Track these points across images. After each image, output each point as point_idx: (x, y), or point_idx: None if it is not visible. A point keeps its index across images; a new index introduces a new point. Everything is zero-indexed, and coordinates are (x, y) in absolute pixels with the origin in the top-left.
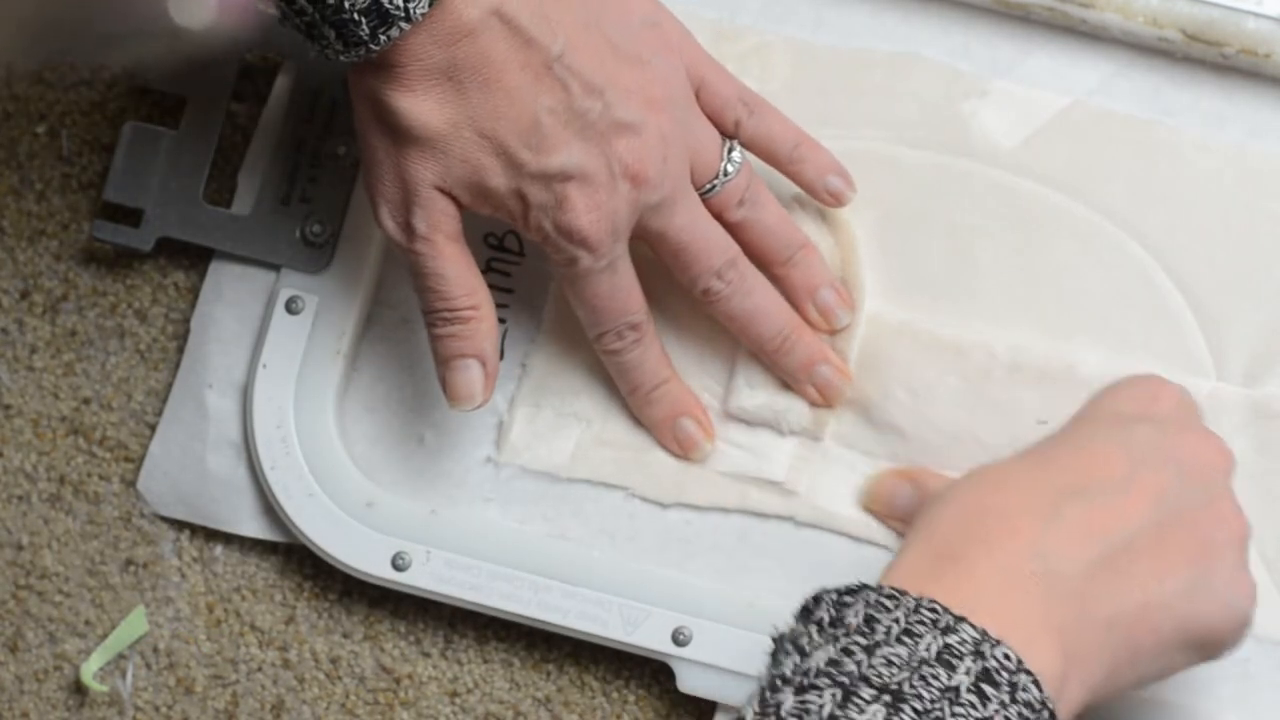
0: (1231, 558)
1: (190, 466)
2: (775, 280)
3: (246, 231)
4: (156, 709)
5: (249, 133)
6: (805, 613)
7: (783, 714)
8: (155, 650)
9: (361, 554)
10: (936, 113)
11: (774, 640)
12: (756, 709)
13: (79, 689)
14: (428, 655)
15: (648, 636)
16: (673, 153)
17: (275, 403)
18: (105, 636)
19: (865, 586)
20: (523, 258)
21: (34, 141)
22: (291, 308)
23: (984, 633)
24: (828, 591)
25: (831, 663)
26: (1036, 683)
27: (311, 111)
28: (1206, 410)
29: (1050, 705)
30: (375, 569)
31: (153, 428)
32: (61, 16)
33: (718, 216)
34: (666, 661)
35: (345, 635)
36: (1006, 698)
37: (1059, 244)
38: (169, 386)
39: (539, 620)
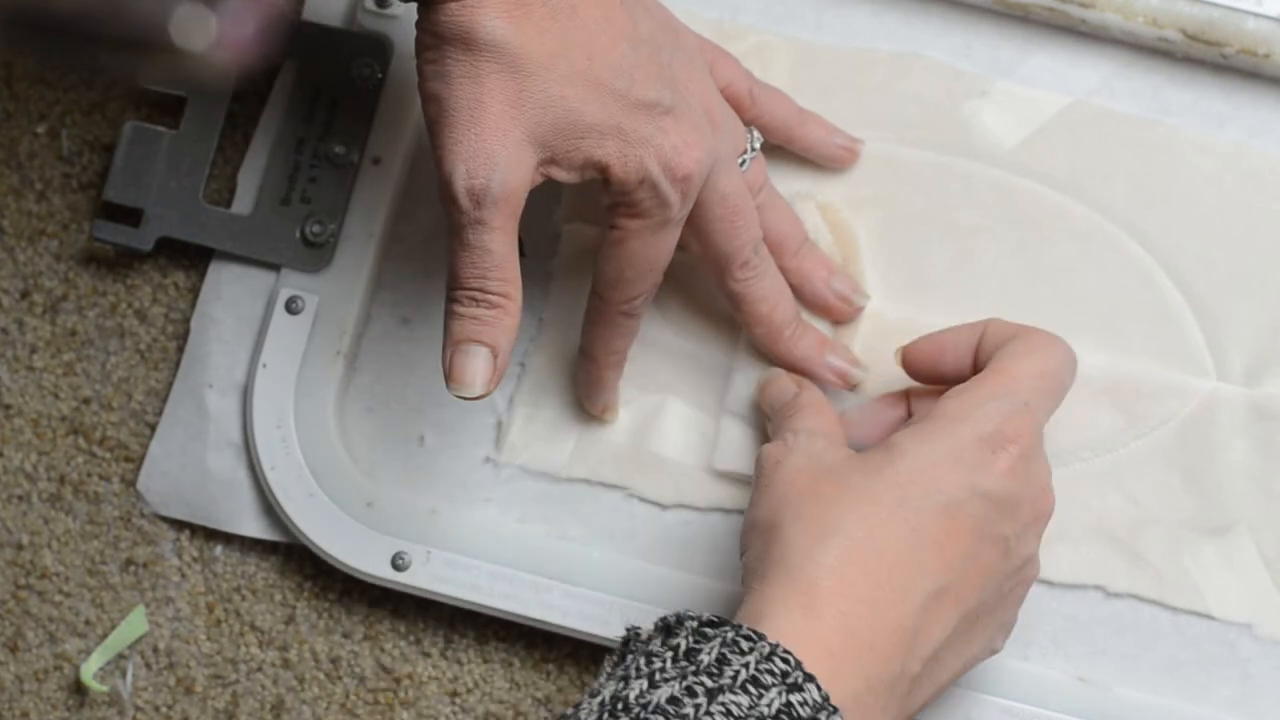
0: (1018, 610)
1: (190, 466)
2: (784, 271)
3: (246, 231)
4: (156, 709)
5: (249, 133)
6: (666, 632)
7: None
8: (155, 650)
9: (361, 554)
10: (937, 113)
11: (627, 632)
12: None
13: (79, 689)
14: (428, 655)
15: None
16: (726, 109)
17: (275, 403)
18: (105, 636)
19: (725, 623)
20: (522, 258)
21: (34, 141)
22: (291, 308)
23: (826, 698)
24: (690, 618)
25: (673, 700)
26: None
27: (311, 111)
28: (1206, 410)
29: None
30: (375, 569)
31: (153, 428)
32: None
33: None
34: None
35: (345, 635)
36: None
37: (1059, 244)
38: (169, 386)
39: (539, 620)
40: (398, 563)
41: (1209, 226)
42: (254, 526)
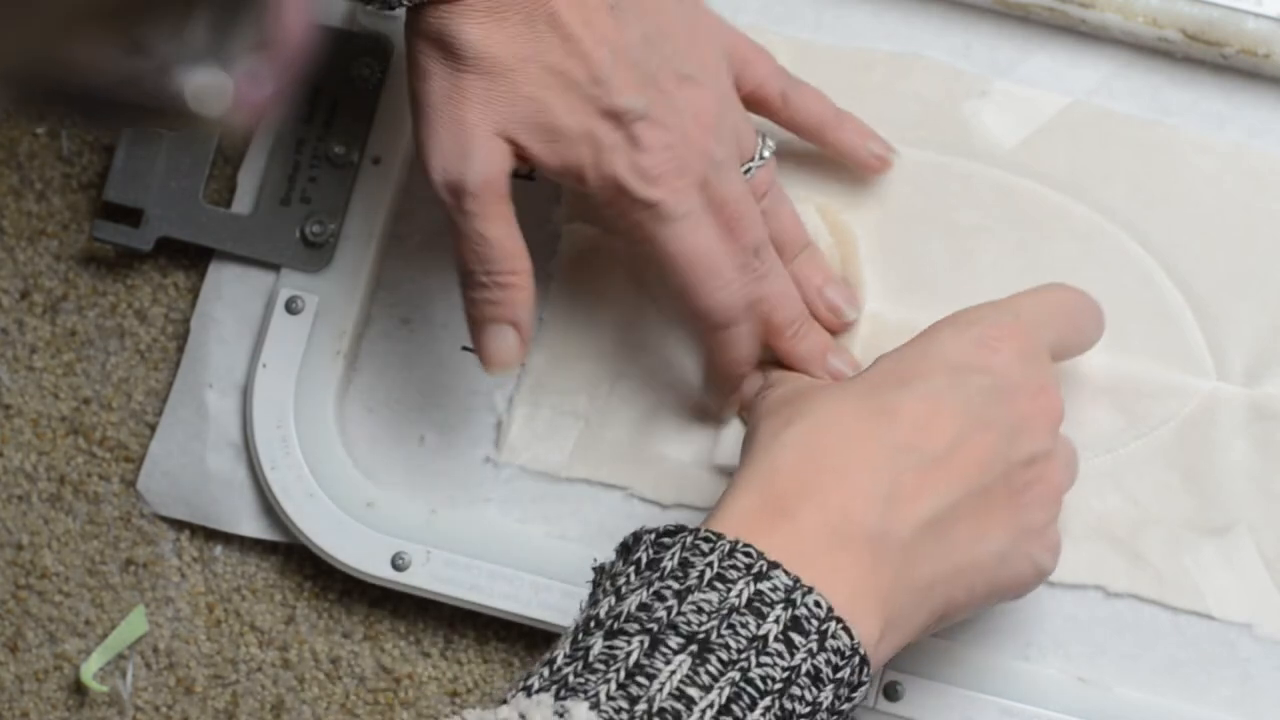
0: (1045, 516)
1: (190, 466)
2: None
3: (246, 231)
4: (156, 709)
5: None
6: (625, 550)
7: (590, 659)
8: (155, 650)
9: (361, 554)
10: (937, 113)
11: (594, 573)
12: (567, 651)
13: (79, 689)
14: (428, 655)
15: None
16: (729, 116)
17: (275, 403)
18: (105, 636)
19: (683, 529)
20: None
21: (34, 141)
22: (291, 308)
23: (796, 580)
24: (647, 532)
25: (643, 607)
26: (847, 629)
27: (311, 111)
28: (1206, 410)
29: (860, 650)
30: (375, 569)
31: (153, 428)
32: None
33: None
34: None
35: (345, 635)
36: (815, 645)
37: (1059, 244)
38: (169, 386)
39: (539, 620)
40: (398, 563)
41: (1209, 226)
42: (254, 526)
